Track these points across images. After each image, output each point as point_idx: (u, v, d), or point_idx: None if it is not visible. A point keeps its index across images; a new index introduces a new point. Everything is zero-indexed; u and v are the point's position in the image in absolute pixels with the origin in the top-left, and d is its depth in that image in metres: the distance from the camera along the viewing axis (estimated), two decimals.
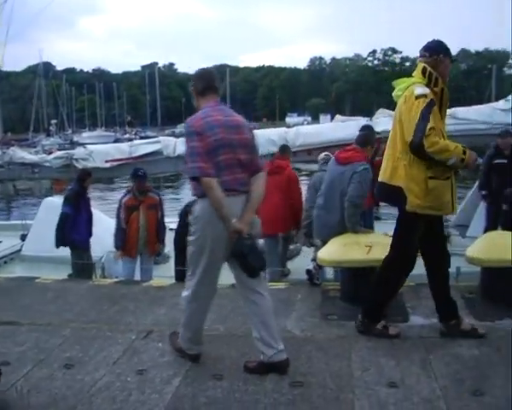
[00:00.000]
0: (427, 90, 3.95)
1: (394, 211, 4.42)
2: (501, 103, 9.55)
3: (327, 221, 5.87)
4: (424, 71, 4.07)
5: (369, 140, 6.07)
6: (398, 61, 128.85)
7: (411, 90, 3.99)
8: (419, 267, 6.94)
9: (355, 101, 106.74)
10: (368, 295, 4.38)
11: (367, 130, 7.49)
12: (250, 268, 3.58)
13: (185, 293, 3.83)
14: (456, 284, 5.99)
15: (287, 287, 5.77)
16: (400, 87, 4.16)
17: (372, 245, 4.84)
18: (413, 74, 4.19)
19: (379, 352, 4.04)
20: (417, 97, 3.91)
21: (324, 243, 5.53)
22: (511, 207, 8.21)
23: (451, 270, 6.88)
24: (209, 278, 3.76)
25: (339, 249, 5.06)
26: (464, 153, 3.90)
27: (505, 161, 8.49)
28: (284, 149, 8.14)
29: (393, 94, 4.24)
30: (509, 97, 9.50)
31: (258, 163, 3.77)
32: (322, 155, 7.89)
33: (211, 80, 3.82)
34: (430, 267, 4.35)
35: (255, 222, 3.73)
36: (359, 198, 5.56)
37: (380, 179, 4.22)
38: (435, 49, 4.14)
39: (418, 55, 4.21)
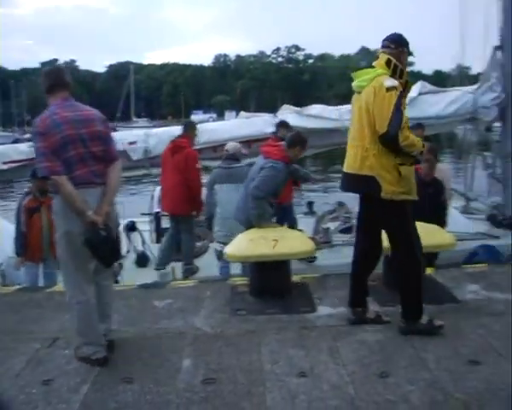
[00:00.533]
0: (396, 83, 4.02)
1: None
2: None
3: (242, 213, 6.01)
4: (389, 62, 4.12)
5: (298, 141, 6.11)
6: (301, 58, 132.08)
7: (380, 81, 4.02)
8: (324, 258, 7.22)
9: (260, 97, 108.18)
10: (400, 298, 4.34)
11: (283, 126, 7.65)
12: (103, 258, 3.73)
13: (67, 298, 3.84)
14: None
15: (195, 285, 5.75)
16: (364, 78, 4.16)
17: (278, 239, 4.92)
18: (374, 65, 4.22)
19: (288, 344, 4.12)
20: (388, 89, 3.95)
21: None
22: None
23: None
24: (83, 275, 3.78)
25: (246, 245, 5.10)
26: (423, 146, 4.11)
27: None
28: (187, 126, 8.02)
29: (355, 84, 4.25)
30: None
31: (113, 154, 3.90)
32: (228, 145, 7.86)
33: (58, 77, 3.86)
34: (363, 251, 4.45)
35: (113, 213, 3.90)
36: (261, 192, 5.62)
37: (347, 171, 4.26)
38: (399, 42, 4.24)
39: (380, 46, 4.29)
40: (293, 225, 7.79)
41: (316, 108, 9.70)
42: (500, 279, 5.53)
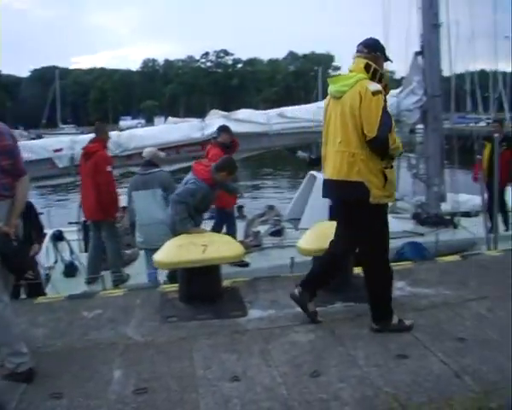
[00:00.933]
0: (379, 87, 4.02)
1: None
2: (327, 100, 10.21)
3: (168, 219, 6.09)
4: (368, 67, 4.11)
5: (227, 167, 6.19)
6: (230, 62, 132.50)
7: (364, 85, 4.00)
8: (255, 262, 7.25)
9: (189, 102, 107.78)
10: (370, 301, 4.37)
11: (224, 131, 7.63)
12: (15, 269, 3.76)
13: None
14: (291, 274, 6.32)
15: (125, 293, 5.64)
16: (345, 83, 4.12)
17: (207, 244, 4.90)
18: (351, 70, 4.22)
19: (220, 348, 4.11)
20: (374, 93, 3.95)
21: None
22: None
23: (284, 262, 7.33)
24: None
25: (175, 251, 5.05)
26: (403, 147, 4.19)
27: None
28: (97, 130, 7.98)
29: (335, 89, 4.21)
30: None
31: (20, 168, 3.86)
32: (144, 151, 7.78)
33: None
34: (335, 252, 4.49)
35: (20, 225, 3.93)
36: (179, 197, 5.81)
37: (334, 177, 4.19)
38: (374, 47, 4.25)
39: (355, 51, 4.27)
40: (232, 233, 7.74)
41: (243, 113, 9.80)
42: (425, 275, 5.76)
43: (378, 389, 3.43)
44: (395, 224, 9.27)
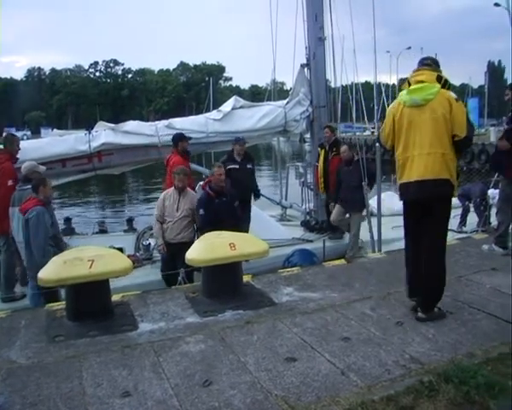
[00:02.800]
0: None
1: None
2: (214, 113, 10.35)
3: None
4: (439, 78, 4.56)
5: (38, 183, 6.51)
6: (120, 72, 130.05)
7: (448, 94, 4.53)
8: (146, 275, 7.17)
9: (78, 113, 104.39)
10: (428, 291, 4.71)
11: (182, 140, 8.47)
12: None
13: None
14: (180, 285, 6.34)
15: (8, 315, 5.37)
16: (431, 92, 4.50)
17: (95, 259, 4.80)
18: (422, 80, 4.59)
19: (110, 365, 4.04)
20: (457, 100, 4.54)
21: None
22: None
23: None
24: None
25: (60, 267, 4.87)
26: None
27: (237, 166, 9.07)
28: (5, 140, 7.73)
29: (421, 98, 4.53)
30: (221, 108, 10.36)
31: None
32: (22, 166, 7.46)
33: None
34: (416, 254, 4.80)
35: None
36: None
37: (426, 177, 4.52)
38: (438, 63, 4.81)
39: (419, 65, 4.73)
40: None
41: (131, 124, 9.70)
42: (312, 280, 5.98)
43: (268, 393, 3.52)
44: (284, 231, 9.58)
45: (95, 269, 4.70)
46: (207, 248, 5.40)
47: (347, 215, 9.51)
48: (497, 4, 35.93)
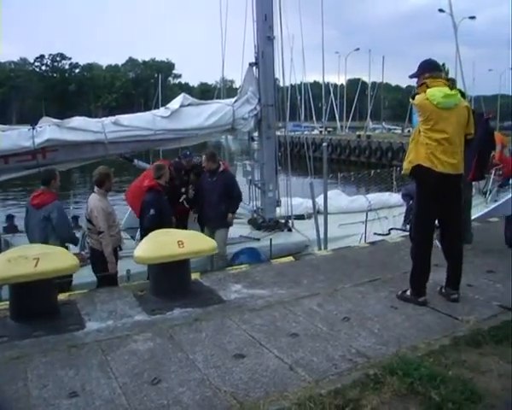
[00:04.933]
0: None
1: None
2: (161, 111, 10.27)
3: None
4: (451, 85, 5.16)
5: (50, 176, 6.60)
6: (67, 67, 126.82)
7: (463, 100, 5.17)
8: (91, 274, 7.07)
9: (23, 108, 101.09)
10: (458, 272, 5.23)
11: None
12: None
13: None
14: (128, 284, 6.28)
15: None
16: (458, 97, 5.07)
17: (40, 257, 4.67)
18: (447, 86, 5.09)
19: (56, 365, 3.95)
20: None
21: None
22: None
23: (122, 273, 7.27)
24: None
25: (3, 266, 4.70)
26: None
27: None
28: None
29: (454, 102, 5.01)
30: (169, 105, 10.29)
31: None
32: None
33: None
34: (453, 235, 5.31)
35: None
36: None
37: (458, 172, 5.05)
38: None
39: (434, 70, 5.17)
40: None
41: (77, 120, 9.50)
42: (261, 277, 6.03)
43: (217, 390, 3.53)
44: (232, 230, 9.58)
45: (40, 267, 4.59)
46: (155, 245, 5.36)
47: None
48: (441, 10, 37.06)
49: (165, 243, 5.31)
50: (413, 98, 5.13)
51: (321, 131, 56.03)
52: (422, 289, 5.14)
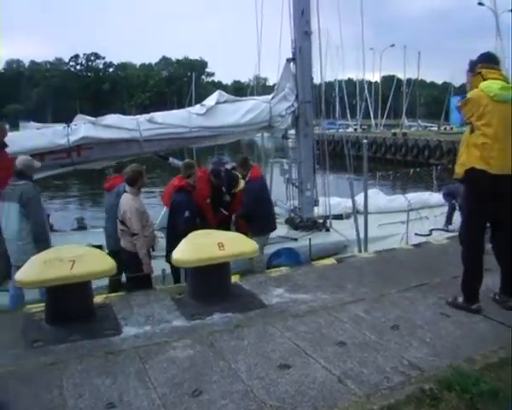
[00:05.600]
0: None
1: None
2: (197, 108, 10.11)
3: None
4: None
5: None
6: (101, 66, 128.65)
7: None
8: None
9: (57, 107, 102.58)
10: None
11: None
12: None
13: None
14: (165, 286, 6.12)
15: None
16: None
17: (76, 259, 4.53)
18: (504, 79, 4.82)
19: (93, 373, 3.79)
20: None
21: None
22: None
23: (158, 272, 7.17)
24: None
25: (39, 268, 4.59)
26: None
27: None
28: None
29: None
30: (205, 102, 10.13)
31: None
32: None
33: None
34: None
35: None
36: None
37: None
38: None
39: (490, 62, 4.88)
40: None
41: (112, 118, 9.42)
42: (303, 280, 5.79)
43: (263, 403, 3.32)
44: None
45: (76, 270, 4.44)
46: (195, 247, 5.18)
47: None
48: (480, 4, 36.23)
49: (204, 245, 5.12)
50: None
51: (355, 129, 55.66)
52: (475, 296, 4.83)
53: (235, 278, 5.76)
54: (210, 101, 10.07)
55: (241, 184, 8.80)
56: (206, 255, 4.99)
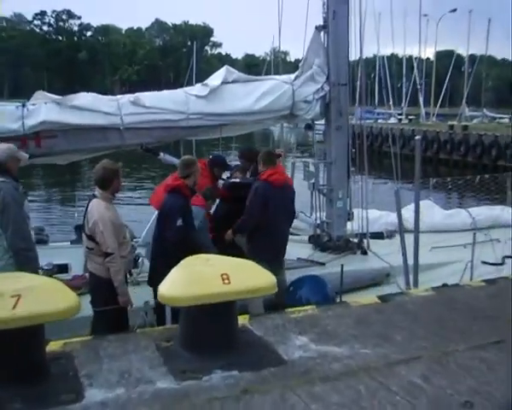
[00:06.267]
0: None
1: None
2: (197, 88, 9.85)
3: None
4: None
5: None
6: (75, 29, 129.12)
7: None
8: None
9: (18, 79, 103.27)
10: None
11: None
12: None
13: None
14: (148, 328, 5.99)
15: None
16: None
17: (22, 294, 4.17)
18: None
19: None
20: None
21: None
22: None
23: (139, 304, 6.98)
24: None
25: None
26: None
27: None
28: None
29: None
30: (208, 82, 9.87)
31: None
32: None
33: None
34: None
35: None
36: None
37: None
38: None
39: None
40: None
41: (84, 98, 9.19)
42: (334, 326, 5.46)
43: None
44: (288, 249, 9.09)
45: (21, 309, 4.09)
46: (189, 279, 4.86)
47: None
48: None
49: (203, 277, 4.79)
50: None
51: (400, 119, 55.49)
52: None
53: (242, 320, 5.44)
54: (215, 79, 9.87)
55: None
56: (205, 291, 4.65)
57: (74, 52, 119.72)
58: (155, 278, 6.83)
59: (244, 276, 4.93)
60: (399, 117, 57.37)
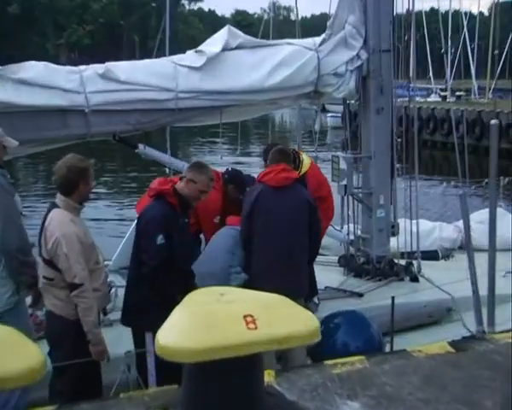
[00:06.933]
0: None
1: None
2: (190, 56, 9.76)
3: None
4: None
5: None
6: None
7: None
8: None
9: None
10: None
11: None
12: None
13: None
14: (134, 390, 6.02)
15: None
16: None
17: None
18: None
19: None
20: None
21: None
22: None
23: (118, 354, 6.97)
24: None
25: None
26: None
27: None
28: None
29: None
30: (203, 48, 9.78)
31: None
32: None
33: None
34: None
35: None
36: None
37: None
38: None
39: None
40: None
41: (33, 68, 8.99)
42: (393, 385, 5.38)
43: None
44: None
45: None
46: (200, 323, 4.74)
47: None
48: None
49: (219, 318, 4.68)
50: None
51: (444, 97, 55.63)
52: None
53: (267, 377, 5.33)
54: (213, 45, 9.82)
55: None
56: (224, 341, 4.53)
57: (3, 5, 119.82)
58: (130, 315, 6.71)
59: (275, 317, 4.82)
60: (443, 93, 57.51)
